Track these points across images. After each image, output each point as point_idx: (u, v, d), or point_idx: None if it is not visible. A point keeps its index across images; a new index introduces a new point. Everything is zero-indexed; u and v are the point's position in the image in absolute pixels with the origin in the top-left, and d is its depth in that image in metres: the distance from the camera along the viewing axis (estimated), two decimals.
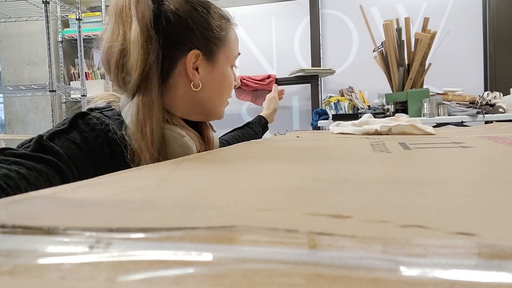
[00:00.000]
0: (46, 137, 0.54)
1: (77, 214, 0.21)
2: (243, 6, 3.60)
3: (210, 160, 0.47)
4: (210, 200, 0.24)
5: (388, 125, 0.87)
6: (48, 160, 0.50)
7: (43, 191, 0.27)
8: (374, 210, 0.20)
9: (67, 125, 0.58)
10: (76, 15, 2.66)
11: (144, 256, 0.14)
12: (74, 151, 0.55)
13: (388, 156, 0.46)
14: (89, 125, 0.59)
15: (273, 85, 0.99)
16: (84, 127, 0.59)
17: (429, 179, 0.30)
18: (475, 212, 0.20)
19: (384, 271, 0.13)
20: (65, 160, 0.53)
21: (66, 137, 0.56)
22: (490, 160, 0.42)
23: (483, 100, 2.37)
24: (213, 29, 0.69)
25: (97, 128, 0.60)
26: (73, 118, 0.59)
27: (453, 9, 3.22)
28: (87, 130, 0.59)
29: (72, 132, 0.57)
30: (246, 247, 0.15)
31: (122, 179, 0.32)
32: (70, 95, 3.02)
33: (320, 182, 0.29)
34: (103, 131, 0.60)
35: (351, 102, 2.79)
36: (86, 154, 0.57)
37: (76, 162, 0.54)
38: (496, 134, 0.77)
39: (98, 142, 0.59)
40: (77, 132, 0.58)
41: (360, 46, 3.37)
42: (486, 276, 0.12)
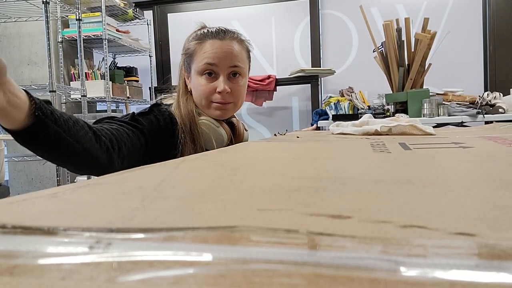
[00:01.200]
0: (137, 114, 0.85)
1: (77, 214, 0.21)
2: (243, 6, 3.60)
3: (210, 160, 0.47)
4: (210, 200, 0.24)
5: (388, 125, 0.87)
6: (137, 127, 0.81)
7: (43, 191, 0.27)
8: (374, 210, 0.20)
9: (147, 110, 0.89)
10: (76, 16, 2.66)
11: (144, 257, 0.14)
12: (150, 126, 0.85)
13: (388, 156, 0.46)
14: (160, 111, 0.91)
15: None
16: (157, 113, 0.90)
17: (429, 179, 0.30)
18: (475, 212, 0.20)
19: (384, 271, 0.13)
20: (144, 131, 0.82)
21: (147, 117, 0.86)
22: (490, 160, 0.42)
23: (483, 100, 2.38)
24: (186, 50, 0.97)
25: (165, 114, 0.90)
26: (151, 107, 0.91)
27: (453, 9, 3.22)
28: (159, 115, 0.89)
29: (150, 115, 0.88)
30: (246, 248, 0.15)
31: (122, 179, 0.32)
32: (70, 95, 3.02)
33: (320, 182, 0.29)
34: (169, 116, 0.91)
35: (351, 102, 2.80)
36: (157, 129, 0.86)
37: (150, 133, 0.83)
38: (496, 134, 0.77)
39: (165, 123, 0.89)
40: (153, 115, 0.88)
41: (360, 46, 3.37)
42: (486, 276, 0.12)
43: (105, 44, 2.89)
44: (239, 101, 0.97)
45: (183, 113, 0.92)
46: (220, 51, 0.92)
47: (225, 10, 3.63)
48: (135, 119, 0.82)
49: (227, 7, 3.63)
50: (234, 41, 0.94)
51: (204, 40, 0.93)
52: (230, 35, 0.94)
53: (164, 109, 0.91)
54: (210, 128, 0.92)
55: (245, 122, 1.13)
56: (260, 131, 3.57)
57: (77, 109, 3.09)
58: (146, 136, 0.82)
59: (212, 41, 0.93)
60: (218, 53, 0.92)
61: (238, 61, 0.94)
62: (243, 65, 0.96)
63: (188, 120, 0.91)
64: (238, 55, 0.94)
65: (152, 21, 3.70)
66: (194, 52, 0.94)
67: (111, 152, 0.69)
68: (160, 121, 0.88)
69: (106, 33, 2.88)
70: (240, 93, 0.96)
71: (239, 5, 3.60)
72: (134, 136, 0.78)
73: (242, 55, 0.96)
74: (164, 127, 0.88)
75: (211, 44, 0.92)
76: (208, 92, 0.92)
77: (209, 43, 0.92)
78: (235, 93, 0.94)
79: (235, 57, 0.93)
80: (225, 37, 0.93)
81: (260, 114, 3.60)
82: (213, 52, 0.91)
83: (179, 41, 0.99)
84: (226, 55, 0.92)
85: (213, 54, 0.91)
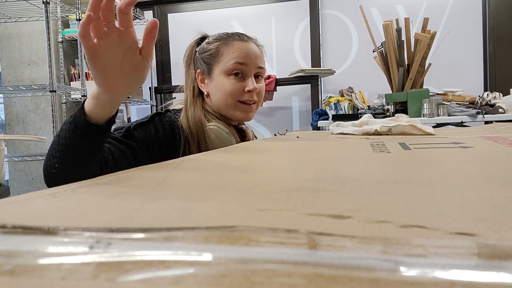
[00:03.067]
0: (133, 127, 0.81)
1: (77, 214, 0.21)
2: (243, 6, 3.60)
3: (210, 161, 0.47)
4: (210, 200, 0.24)
5: (388, 125, 0.87)
6: (129, 144, 0.77)
7: (43, 191, 0.27)
8: (374, 210, 0.20)
9: (147, 120, 0.85)
10: (76, 16, 2.66)
11: (144, 256, 0.14)
12: (148, 138, 0.82)
13: (388, 156, 0.46)
14: (162, 121, 0.87)
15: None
16: (158, 123, 0.86)
17: (429, 179, 0.30)
18: (475, 212, 0.20)
19: (384, 271, 0.13)
20: (140, 144, 0.79)
21: (146, 128, 0.83)
22: (490, 160, 0.42)
23: (483, 100, 2.37)
24: (205, 51, 0.97)
25: (166, 125, 0.87)
26: (152, 115, 0.87)
27: (453, 9, 3.22)
28: (159, 125, 0.85)
29: (150, 125, 0.84)
30: (246, 247, 0.15)
31: (122, 179, 0.32)
32: (70, 95, 3.01)
33: (320, 182, 0.29)
34: (171, 126, 0.87)
35: (351, 102, 2.79)
36: (155, 141, 0.83)
37: (147, 146, 0.80)
38: (496, 134, 0.77)
39: (165, 133, 0.85)
40: (153, 125, 0.84)
41: (360, 46, 3.37)
42: (486, 276, 0.12)
43: None
44: (260, 102, 0.98)
45: (190, 122, 0.90)
46: (249, 51, 0.94)
47: (225, 10, 3.63)
48: (128, 134, 0.79)
49: (227, 7, 3.63)
50: (254, 45, 0.98)
51: (229, 41, 0.95)
52: (251, 39, 0.99)
53: (167, 119, 0.89)
54: (219, 134, 0.91)
55: (249, 125, 1.13)
56: (260, 131, 3.57)
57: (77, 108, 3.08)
58: (136, 152, 0.78)
59: (239, 42, 0.95)
60: (248, 53, 0.94)
61: (262, 62, 0.98)
62: (264, 67, 0.99)
63: (196, 128, 0.89)
64: (261, 57, 0.98)
65: None
66: (218, 52, 0.94)
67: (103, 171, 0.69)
68: (159, 131, 0.85)
69: None
70: (262, 93, 0.98)
71: (239, 5, 3.60)
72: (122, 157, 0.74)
73: (263, 59, 0.99)
74: (163, 138, 0.85)
75: (239, 45, 0.94)
76: (237, 91, 0.92)
77: (236, 44, 0.94)
78: (259, 93, 0.96)
79: (259, 59, 0.96)
80: (248, 40, 0.97)
81: (260, 114, 3.60)
82: (243, 52, 0.93)
83: (179, 41, 0.98)
84: (254, 56, 0.95)
85: (243, 54, 0.93)
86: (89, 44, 0.56)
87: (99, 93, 0.62)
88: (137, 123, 0.84)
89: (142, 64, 0.61)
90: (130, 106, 3.56)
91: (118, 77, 0.60)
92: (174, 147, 0.86)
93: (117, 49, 0.58)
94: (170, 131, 0.87)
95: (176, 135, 0.87)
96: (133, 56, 0.60)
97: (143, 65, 0.61)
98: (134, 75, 0.61)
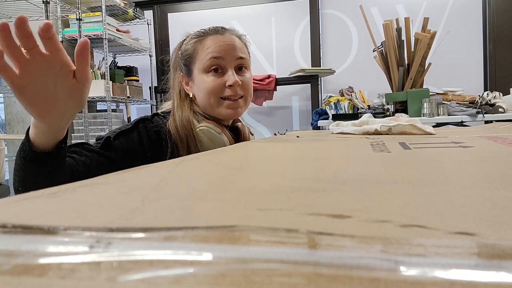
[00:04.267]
0: (113, 137, 0.78)
1: (77, 214, 0.21)
2: (243, 6, 3.60)
3: (210, 160, 0.47)
4: (210, 200, 0.24)
5: (388, 125, 0.87)
6: (107, 156, 0.74)
7: (43, 191, 0.27)
8: (374, 210, 0.20)
9: (130, 127, 0.82)
10: (76, 15, 2.66)
11: (144, 256, 0.14)
12: (131, 146, 0.79)
13: (388, 156, 0.46)
14: (146, 127, 0.83)
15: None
16: (142, 129, 0.82)
17: (429, 179, 0.30)
18: (475, 212, 0.20)
19: (384, 271, 0.13)
20: (120, 155, 0.76)
21: (128, 136, 0.80)
22: (490, 160, 0.42)
23: (483, 100, 2.37)
24: (183, 53, 0.93)
25: (151, 131, 0.83)
26: (137, 122, 0.83)
27: (453, 9, 3.22)
28: (143, 132, 0.82)
29: (133, 132, 0.81)
30: (246, 247, 0.15)
31: (122, 179, 0.32)
32: None
33: (320, 181, 0.29)
34: (156, 132, 0.83)
35: (351, 102, 2.79)
36: (139, 149, 0.80)
37: (130, 155, 0.78)
38: (496, 134, 0.77)
39: (150, 140, 0.82)
40: (137, 133, 0.81)
41: (360, 46, 3.37)
42: (486, 276, 0.12)
43: (105, 44, 2.89)
44: (248, 95, 0.93)
45: (178, 125, 0.86)
46: (224, 44, 0.89)
47: (225, 10, 3.63)
48: (107, 145, 0.76)
49: (227, 7, 3.63)
50: (233, 35, 0.92)
51: (204, 37, 0.90)
52: (229, 30, 0.92)
53: (152, 124, 0.85)
54: (210, 135, 0.86)
55: (246, 122, 1.13)
56: (260, 130, 3.57)
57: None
58: (116, 163, 0.75)
59: (213, 36, 0.90)
60: (223, 46, 0.88)
61: (243, 52, 0.91)
62: (247, 57, 0.93)
63: (184, 132, 0.85)
64: (242, 47, 0.92)
65: (152, 20, 3.70)
66: (194, 51, 0.90)
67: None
68: (143, 138, 0.82)
69: (106, 33, 2.88)
70: (249, 86, 0.92)
71: (239, 4, 3.60)
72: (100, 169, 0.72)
73: (244, 49, 0.93)
74: (148, 145, 0.81)
75: (213, 39, 0.89)
76: (218, 88, 0.87)
77: (210, 39, 0.89)
78: (244, 85, 0.90)
79: (239, 49, 0.90)
80: (225, 32, 0.91)
81: (260, 114, 3.60)
82: (217, 46, 0.88)
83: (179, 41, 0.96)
84: (231, 47, 0.89)
85: (218, 48, 0.88)
86: (11, 76, 0.52)
87: (36, 121, 0.58)
88: (120, 131, 0.81)
89: (77, 87, 0.57)
90: (130, 106, 3.56)
91: (51, 104, 0.56)
92: (161, 154, 0.83)
93: (45, 76, 0.54)
94: (156, 138, 0.83)
95: (163, 141, 0.83)
96: (66, 80, 0.56)
97: (78, 89, 0.57)
98: (70, 100, 0.57)
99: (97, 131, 3.03)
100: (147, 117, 0.87)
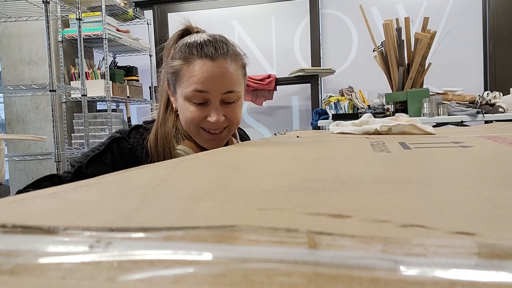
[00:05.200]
0: (85, 165, 0.76)
1: (77, 214, 0.21)
2: (243, 6, 3.60)
3: (210, 160, 0.47)
4: (210, 200, 0.24)
5: (388, 125, 0.87)
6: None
7: (43, 191, 0.27)
8: (374, 210, 0.20)
9: (103, 149, 0.78)
10: (76, 15, 2.66)
11: (144, 256, 0.14)
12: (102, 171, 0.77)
13: (388, 156, 0.46)
14: (120, 147, 0.79)
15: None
16: (116, 150, 0.79)
17: (429, 179, 0.30)
18: (475, 211, 0.20)
19: (384, 270, 0.13)
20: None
21: (101, 160, 0.77)
22: (490, 160, 0.42)
23: (483, 100, 2.37)
24: (171, 65, 0.81)
25: (125, 151, 0.80)
26: (110, 142, 0.79)
27: (453, 9, 3.22)
28: (117, 153, 0.79)
29: (106, 154, 0.78)
30: (246, 247, 0.15)
31: (122, 179, 0.32)
32: (70, 94, 3.01)
33: (320, 181, 0.29)
34: (130, 152, 0.80)
35: (351, 101, 2.79)
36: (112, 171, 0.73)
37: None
38: (496, 134, 0.77)
39: (124, 161, 0.79)
40: (110, 155, 0.78)
41: (360, 46, 3.37)
42: (486, 275, 0.12)
43: (105, 44, 2.89)
44: (234, 123, 0.83)
45: (158, 143, 0.80)
46: (211, 76, 0.76)
47: (225, 10, 3.63)
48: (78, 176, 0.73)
49: (227, 7, 3.63)
50: (227, 59, 0.78)
51: (191, 60, 0.77)
52: (222, 52, 0.77)
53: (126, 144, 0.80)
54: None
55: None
56: (260, 130, 3.57)
57: (77, 108, 3.09)
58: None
59: (201, 61, 0.76)
60: (209, 78, 0.76)
61: (234, 84, 0.78)
62: (239, 88, 0.80)
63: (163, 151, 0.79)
64: (233, 77, 0.78)
65: (152, 20, 3.70)
66: (180, 71, 0.79)
67: None
68: (116, 160, 0.78)
69: (106, 33, 2.88)
70: (235, 116, 0.82)
71: (239, 4, 3.60)
72: None
73: (238, 76, 0.80)
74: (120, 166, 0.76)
75: (201, 66, 0.76)
76: (198, 119, 0.79)
77: (198, 64, 0.76)
78: (230, 117, 0.80)
79: (229, 81, 0.78)
80: (217, 56, 0.77)
81: (260, 114, 3.60)
82: (203, 77, 0.76)
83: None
84: (219, 79, 0.77)
85: (203, 79, 0.76)
86: None
87: None
88: (93, 154, 0.78)
89: None
90: (130, 106, 3.56)
91: None
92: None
93: None
94: (129, 158, 0.79)
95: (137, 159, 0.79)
96: None
97: None
98: None
99: (97, 131, 3.03)
100: (123, 135, 0.82)
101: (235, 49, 0.81)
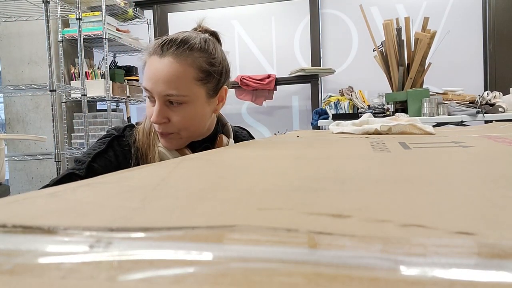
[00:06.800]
0: (91, 159, 0.76)
1: (77, 214, 0.21)
2: (243, 6, 3.60)
3: (210, 160, 0.47)
4: (210, 200, 0.24)
5: (388, 124, 0.87)
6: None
7: (43, 190, 0.27)
8: (374, 209, 0.20)
9: (104, 146, 0.79)
10: (76, 15, 2.66)
11: (145, 256, 0.14)
12: (109, 168, 0.76)
13: (388, 156, 0.46)
14: (120, 145, 0.81)
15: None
16: (117, 147, 0.80)
17: (429, 178, 0.30)
18: (475, 211, 0.20)
19: (384, 270, 0.13)
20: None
21: (105, 156, 0.78)
22: (490, 159, 0.42)
23: (483, 99, 2.37)
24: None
25: (126, 148, 0.81)
26: (110, 141, 0.80)
27: (453, 9, 3.22)
28: (118, 149, 0.80)
29: (109, 152, 0.79)
30: (246, 247, 0.15)
31: (122, 179, 0.32)
32: (70, 94, 3.01)
33: (320, 181, 0.29)
34: (129, 149, 0.81)
35: (351, 101, 2.79)
36: (117, 167, 0.77)
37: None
38: (496, 133, 0.77)
39: (126, 157, 0.80)
40: (112, 151, 0.79)
41: (360, 45, 3.37)
42: (486, 275, 0.12)
43: (105, 44, 2.89)
44: (186, 130, 0.77)
45: (144, 139, 0.81)
46: (154, 75, 0.72)
47: (225, 10, 3.63)
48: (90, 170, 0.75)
49: (227, 7, 3.63)
50: (176, 58, 0.71)
51: (148, 55, 0.76)
52: (173, 49, 0.71)
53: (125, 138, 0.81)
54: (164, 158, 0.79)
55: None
56: (260, 130, 3.57)
57: (78, 108, 3.09)
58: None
59: (152, 58, 0.74)
60: (152, 77, 0.73)
61: (176, 88, 0.71)
62: (185, 92, 0.72)
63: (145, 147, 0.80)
64: (175, 80, 0.71)
65: (152, 20, 3.70)
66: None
67: None
68: (119, 156, 0.79)
69: (106, 33, 2.88)
70: (180, 121, 0.75)
71: (239, 4, 3.60)
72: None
73: (184, 79, 0.72)
74: (124, 163, 0.79)
75: (151, 62, 0.74)
76: (150, 116, 0.78)
77: (150, 60, 0.74)
78: (174, 121, 0.75)
79: (168, 83, 0.71)
80: (165, 54, 0.72)
81: (260, 114, 3.60)
82: (147, 74, 0.74)
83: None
84: (158, 81, 0.72)
85: (147, 78, 0.74)
86: None
87: None
88: (95, 152, 0.77)
89: None
90: (130, 106, 3.56)
91: None
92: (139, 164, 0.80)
93: None
94: (129, 155, 0.81)
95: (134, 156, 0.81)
96: None
97: None
98: None
99: (97, 130, 3.03)
100: (119, 132, 0.82)
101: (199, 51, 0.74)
